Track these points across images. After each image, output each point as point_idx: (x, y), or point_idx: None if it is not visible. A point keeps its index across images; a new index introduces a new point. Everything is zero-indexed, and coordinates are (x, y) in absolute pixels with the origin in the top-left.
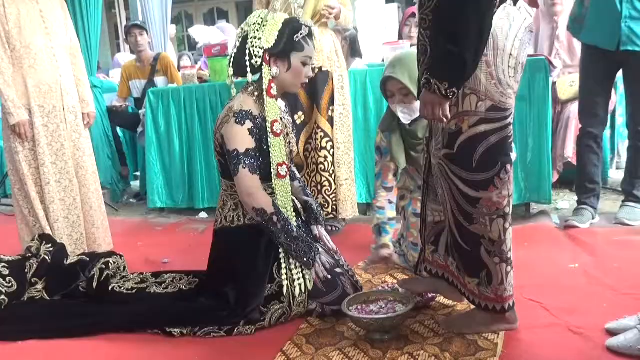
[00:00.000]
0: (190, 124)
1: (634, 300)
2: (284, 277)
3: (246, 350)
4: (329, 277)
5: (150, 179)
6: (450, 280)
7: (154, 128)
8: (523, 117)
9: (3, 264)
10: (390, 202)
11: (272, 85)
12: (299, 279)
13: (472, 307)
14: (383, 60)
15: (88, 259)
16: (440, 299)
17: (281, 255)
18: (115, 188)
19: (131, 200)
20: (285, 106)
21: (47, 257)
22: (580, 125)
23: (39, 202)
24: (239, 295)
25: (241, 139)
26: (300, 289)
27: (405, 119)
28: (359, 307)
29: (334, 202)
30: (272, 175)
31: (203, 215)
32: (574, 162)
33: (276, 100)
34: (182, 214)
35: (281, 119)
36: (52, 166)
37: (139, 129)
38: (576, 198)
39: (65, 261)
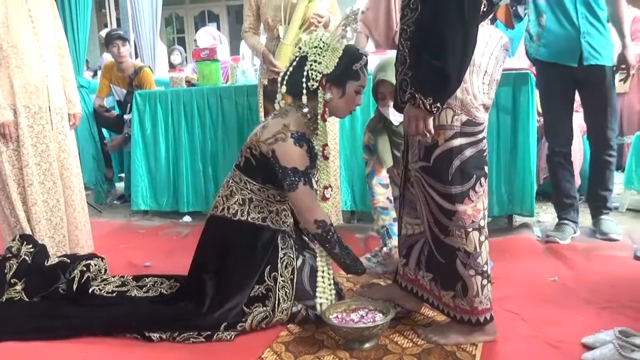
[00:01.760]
0: (177, 127)
1: (610, 315)
2: (279, 280)
3: (225, 356)
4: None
5: (134, 181)
6: (420, 294)
7: (140, 130)
8: (507, 129)
9: None
10: (391, 201)
11: (326, 110)
12: (283, 287)
13: None
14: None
15: (69, 261)
16: (423, 309)
17: (279, 259)
18: (100, 189)
19: (115, 202)
20: None
21: (27, 258)
22: (547, 144)
23: (20, 204)
24: (220, 287)
25: (301, 159)
26: (286, 295)
27: (396, 120)
28: (339, 316)
29: None
30: (317, 197)
31: (187, 219)
32: None
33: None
34: (166, 217)
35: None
36: (36, 167)
37: (125, 132)
38: None
39: (45, 262)
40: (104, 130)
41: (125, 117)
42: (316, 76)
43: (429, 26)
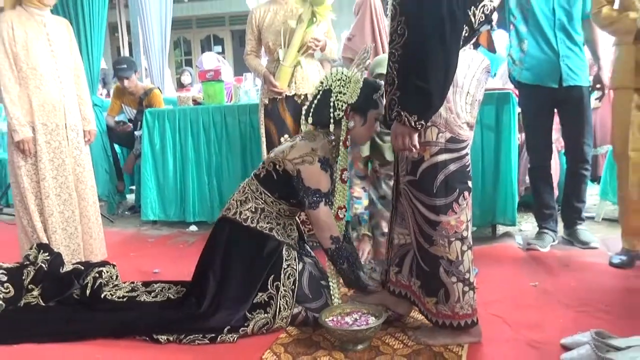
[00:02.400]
0: (184, 142)
1: (587, 318)
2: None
3: (228, 357)
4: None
5: (144, 193)
6: (412, 299)
7: (149, 146)
8: (491, 145)
9: (2, 271)
10: (365, 190)
11: (348, 137)
12: (284, 296)
13: None
14: None
15: (83, 268)
16: (413, 313)
17: (282, 270)
18: (112, 201)
19: (126, 212)
20: None
21: (43, 265)
22: (528, 158)
23: (37, 215)
24: (222, 287)
25: (325, 182)
26: (287, 304)
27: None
28: (335, 319)
29: None
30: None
31: (193, 228)
32: None
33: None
34: (174, 227)
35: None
36: (53, 180)
37: (135, 149)
38: None
39: (61, 269)
40: (116, 146)
41: (136, 133)
42: (342, 106)
43: (414, 50)
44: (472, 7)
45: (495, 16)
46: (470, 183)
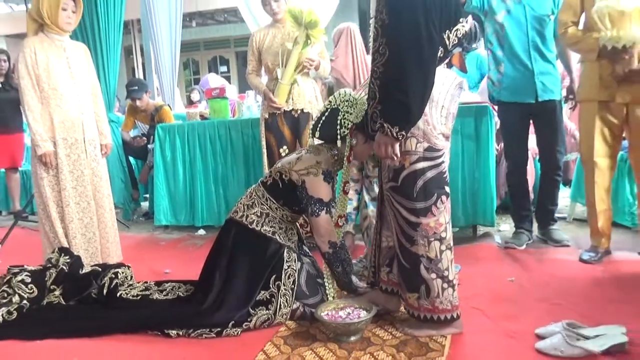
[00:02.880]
0: (193, 154)
1: (559, 309)
2: (281, 289)
3: (232, 349)
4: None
5: (157, 200)
6: (402, 296)
7: (161, 157)
8: (471, 153)
9: (26, 273)
10: (357, 193)
11: (352, 153)
12: (284, 294)
13: None
14: None
15: (100, 269)
16: (401, 308)
17: (283, 270)
18: (127, 208)
19: (140, 218)
20: None
21: (64, 268)
22: (507, 165)
23: (58, 222)
24: (226, 284)
25: (326, 193)
26: (287, 302)
27: None
28: (329, 313)
29: None
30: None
31: (201, 232)
32: None
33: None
34: (184, 231)
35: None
36: (73, 190)
37: (148, 161)
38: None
39: (80, 271)
40: (131, 158)
41: (149, 146)
42: (347, 124)
43: (395, 68)
44: (447, 31)
45: (481, 43)
46: (447, 188)
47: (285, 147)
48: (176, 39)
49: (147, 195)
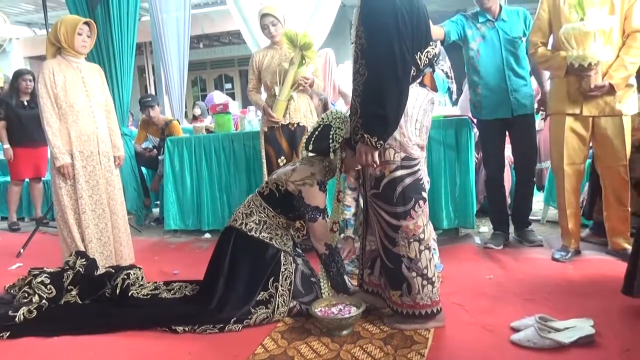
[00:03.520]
0: (199, 164)
1: (533, 304)
2: (279, 290)
3: (234, 343)
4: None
5: (166, 206)
6: (382, 295)
7: (170, 167)
8: (452, 162)
9: (45, 275)
10: (355, 200)
11: (343, 165)
12: (282, 295)
13: None
14: None
15: (113, 271)
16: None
17: (281, 273)
18: (139, 214)
19: (152, 223)
20: None
21: (81, 269)
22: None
23: (76, 228)
24: (228, 286)
25: (322, 200)
26: (284, 302)
27: None
28: (323, 310)
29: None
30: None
31: (207, 235)
32: None
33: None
34: (191, 235)
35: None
36: (89, 199)
37: (159, 171)
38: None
39: (95, 272)
40: (143, 168)
41: (159, 157)
42: (339, 139)
43: (373, 86)
44: (419, 52)
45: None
46: (424, 194)
47: (283, 157)
48: (184, 59)
49: (158, 202)
